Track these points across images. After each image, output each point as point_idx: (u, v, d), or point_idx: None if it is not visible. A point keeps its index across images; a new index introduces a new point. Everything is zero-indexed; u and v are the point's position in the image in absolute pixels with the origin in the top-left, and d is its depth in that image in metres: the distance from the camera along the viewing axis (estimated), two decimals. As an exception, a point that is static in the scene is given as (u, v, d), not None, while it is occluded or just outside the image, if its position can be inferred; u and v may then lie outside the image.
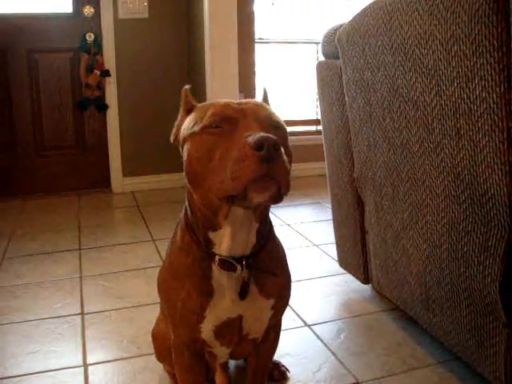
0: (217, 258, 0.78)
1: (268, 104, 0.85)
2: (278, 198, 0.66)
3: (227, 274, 0.79)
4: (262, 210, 0.77)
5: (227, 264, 0.78)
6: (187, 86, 0.85)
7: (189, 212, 0.81)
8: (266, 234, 0.82)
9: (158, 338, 1.09)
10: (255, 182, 0.62)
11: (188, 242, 0.81)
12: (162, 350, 1.07)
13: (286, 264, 0.90)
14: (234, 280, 0.80)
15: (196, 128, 0.73)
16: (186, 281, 0.82)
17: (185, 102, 0.83)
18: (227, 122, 0.69)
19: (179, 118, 0.84)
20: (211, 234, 0.78)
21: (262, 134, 0.62)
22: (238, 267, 0.78)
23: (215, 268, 0.80)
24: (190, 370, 0.92)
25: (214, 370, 1.13)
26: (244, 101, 0.75)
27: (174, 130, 0.84)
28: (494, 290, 0.94)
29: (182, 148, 0.77)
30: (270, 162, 0.61)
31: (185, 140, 0.76)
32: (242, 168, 0.62)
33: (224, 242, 0.77)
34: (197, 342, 0.87)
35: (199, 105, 0.81)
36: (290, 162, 0.72)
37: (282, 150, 0.63)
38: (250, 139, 0.62)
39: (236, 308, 0.82)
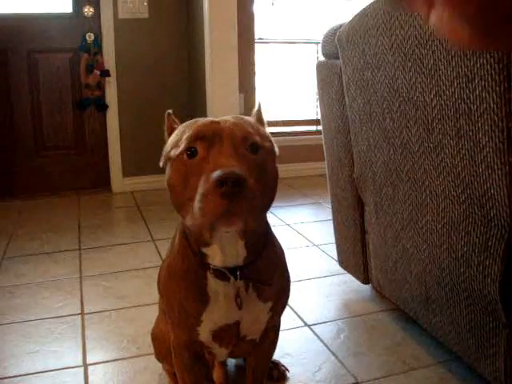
0: (211, 267, 0.79)
1: (262, 119, 0.82)
2: (245, 230, 0.66)
3: (222, 283, 0.80)
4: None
5: (221, 274, 0.79)
6: (169, 111, 0.84)
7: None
8: (261, 243, 0.82)
9: (157, 337, 1.09)
10: (220, 217, 0.62)
11: (185, 247, 0.82)
12: (162, 349, 1.07)
13: (285, 267, 0.90)
14: (229, 288, 0.80)
15: (173, 153, 0.73)
16: (183, 285, 0.82)
17: (167, 126, 0.83)
18: (202, 143, 0.69)
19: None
20: (204, 248, 0.78)
21: (226, 169, 0.62)
22: (232, 278, 0.78)
23: (210, 276, 0.80)
24: (190, 369, 0.92)
25: (213, 367, 1.13)
26: (223, 118, 0.73)
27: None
28: (494, 290, 0.94)
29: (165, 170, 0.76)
30: (231, 199, 0.61)
31: (165, 163, 0.76)
32: (206, 204, 0.62)
33: (217, 255, 0.78)
34: (196, 342, 0.88)
35: (181, 125, 0.78)
36: (273, 181, 0.73)
37: (251, 181, 0.63)
38: (214, 175, 0.62)
39: (233, 315, 0.82)
